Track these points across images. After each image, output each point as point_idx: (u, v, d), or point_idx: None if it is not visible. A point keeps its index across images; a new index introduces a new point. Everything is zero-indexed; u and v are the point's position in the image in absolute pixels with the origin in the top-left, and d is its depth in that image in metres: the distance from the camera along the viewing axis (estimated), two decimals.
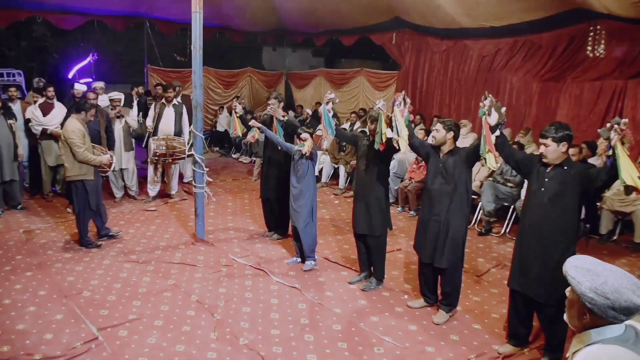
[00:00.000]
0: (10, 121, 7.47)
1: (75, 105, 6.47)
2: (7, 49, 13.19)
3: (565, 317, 1.94)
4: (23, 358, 3.92)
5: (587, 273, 1.81)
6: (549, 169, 3.88)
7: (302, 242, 5.84)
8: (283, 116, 6.36)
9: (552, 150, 3.78)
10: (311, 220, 5.81)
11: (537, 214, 3.93)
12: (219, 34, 13.40)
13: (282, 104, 6.49)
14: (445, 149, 4.57)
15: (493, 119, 3.99)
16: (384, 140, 4.81)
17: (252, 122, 6.35)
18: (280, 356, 4.09)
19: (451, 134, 4.53)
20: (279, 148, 6.10)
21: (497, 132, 4.05)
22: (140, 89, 9.08)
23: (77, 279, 5.40)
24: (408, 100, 4.76)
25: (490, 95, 4.06)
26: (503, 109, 4.00)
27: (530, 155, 4.46)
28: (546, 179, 3.87)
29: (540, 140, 3.86)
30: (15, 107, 8.51)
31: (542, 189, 3.88)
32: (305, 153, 5.56)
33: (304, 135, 5.57)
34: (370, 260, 5.50)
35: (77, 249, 6.25)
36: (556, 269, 3.83)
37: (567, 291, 1.89)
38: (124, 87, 11.16)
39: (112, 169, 7.14)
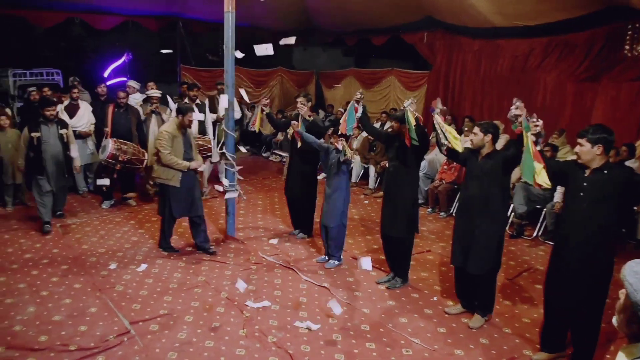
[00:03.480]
0: (62, 130, 6.79)
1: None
2: (47, 49, 13.50)
3: (614, 319, 1.83)
4: (59, 348, 4.04)
5: None
6: (587, 172, 3.77)
7: (328, 241, 5.87)
8: (309, 116, 6.42)
9: (585, 151, 3.70)
10: (341, 222, 5.82)
11: (575, 220, 3.82)
12: (250, 34, 13.49)
13: (310, 104, 6.54)
14: (484, 151, 4.46)
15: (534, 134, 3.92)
16: (413, 136, 4.82)
17: (293, 124, 6.34)
18: (308, 355, 4.11)
19: (489, 136, 4.42)
20: (318, 149, 6.07)
21: (538, 147, 3.97)
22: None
23: (111, 274, 5.52)
24: (440, 107, 4.74)
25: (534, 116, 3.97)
26: (540, 122, 3.90)
27: (564, 162, 4.34)
28: (585, 184, 3.75)
29: (577, 140, 3.77)
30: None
31: (581, 194, 3.77)
32: (348, 157, 5.61)
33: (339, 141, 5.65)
34: (395, 261, 5.49)
35: (110, 243, 6.39)
36: (594, 278, 3.77)
37: (621, 293, 1.79)
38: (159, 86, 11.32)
39: (144, 165, 7.33)
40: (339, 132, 5.80)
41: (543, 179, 3.89)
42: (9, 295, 4.92)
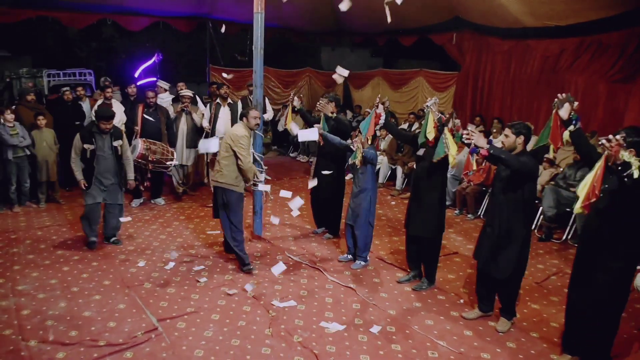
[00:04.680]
0: (116, 142, 6.12)
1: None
2: (79, 50, 13.80)
3: None
4: (88, 343, 4.12)
5: None
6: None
7: (356, 241, 5.86)
8: (332, 113, 6.44)
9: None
10: (368, 222, 5.81)
11: (597, 219, 3.79)
12: (279, 34, 13.55)
13: (333, 103, 6.54)
14: (515, 153, 4.38)
15: (564, 111, 3.83)
16: (430, 138, 5.02)
17: (316, 127, 6.32)
18: (334, 355, 4.11)
19: (521, 138, 4.33)
20: (343, 149, 6.09)
21: (572, 127, 3.85)
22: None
23: (139, 271, 5.61)
24: (457, 121, 4.73)
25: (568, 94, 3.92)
26: (575, 104, 3.84)
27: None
28: (606, 185, 3.68)
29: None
30: (85, 105, 8.94)
31: (601, 195, 3.68)
32: (355, 162, 5.70)
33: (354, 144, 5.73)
34: (422, 261, 5.46)
35: (139, 242, 6.48)
36: (611, 284, 3.72)
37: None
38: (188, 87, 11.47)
39: (173, 164, 7.38)
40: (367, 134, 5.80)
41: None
42: (41, 290, 5.04)
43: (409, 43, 13.01)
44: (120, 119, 8.34)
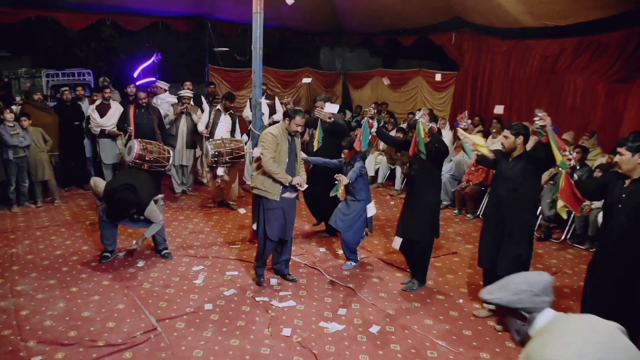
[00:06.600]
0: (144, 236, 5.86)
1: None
2: (79, 50, 13.78)
3: (517, 342, 2.12)
4: (87, 343, 4.12)
5: (498, 290, 2.08)
6: (627, 183, 3.65)
7: (343, 243, 5.88)
8: (329, 118, 6.45)
9: (625, 160, 3.59)
10: (358, 226, 5.79)
11: (615, 233, 3.69)
12: (278, 34, 13.54)
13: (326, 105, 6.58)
14: (515, 153, 4.40)
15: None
16: (422, 149, 4.86)
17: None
18: (333, 355, 4.11)
19: (520, 138, 4.36)
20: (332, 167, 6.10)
21: (575, 177, 3.93)
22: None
23: (138, 271, 5.60)
24: (468, 121, 4.70)
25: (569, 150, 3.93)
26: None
27: (602, 177, 4.20)
28: (623, 195, 3.63)
29: (617, 149, 3.67)
30: (84, 105, 8.93)
31: (620, 206, 3.64)
32: (337, 195, 5.57)
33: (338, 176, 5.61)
34: (413, 264, 5.44)
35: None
36: (634, 294, 3.64)
37: (495, 319, 2.01)
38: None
39: (170, 163, 7.33)
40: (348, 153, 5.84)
41: (561, 212, 4.21)
42: (40, 290, 5.04)
43: (409, 43, 13.00)
44: (118, 119, 8.33)
